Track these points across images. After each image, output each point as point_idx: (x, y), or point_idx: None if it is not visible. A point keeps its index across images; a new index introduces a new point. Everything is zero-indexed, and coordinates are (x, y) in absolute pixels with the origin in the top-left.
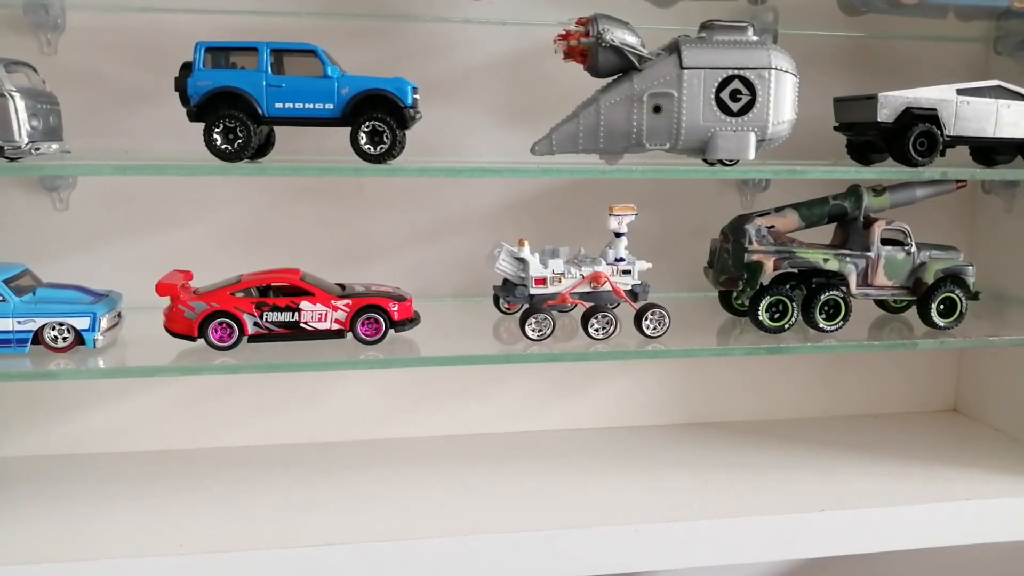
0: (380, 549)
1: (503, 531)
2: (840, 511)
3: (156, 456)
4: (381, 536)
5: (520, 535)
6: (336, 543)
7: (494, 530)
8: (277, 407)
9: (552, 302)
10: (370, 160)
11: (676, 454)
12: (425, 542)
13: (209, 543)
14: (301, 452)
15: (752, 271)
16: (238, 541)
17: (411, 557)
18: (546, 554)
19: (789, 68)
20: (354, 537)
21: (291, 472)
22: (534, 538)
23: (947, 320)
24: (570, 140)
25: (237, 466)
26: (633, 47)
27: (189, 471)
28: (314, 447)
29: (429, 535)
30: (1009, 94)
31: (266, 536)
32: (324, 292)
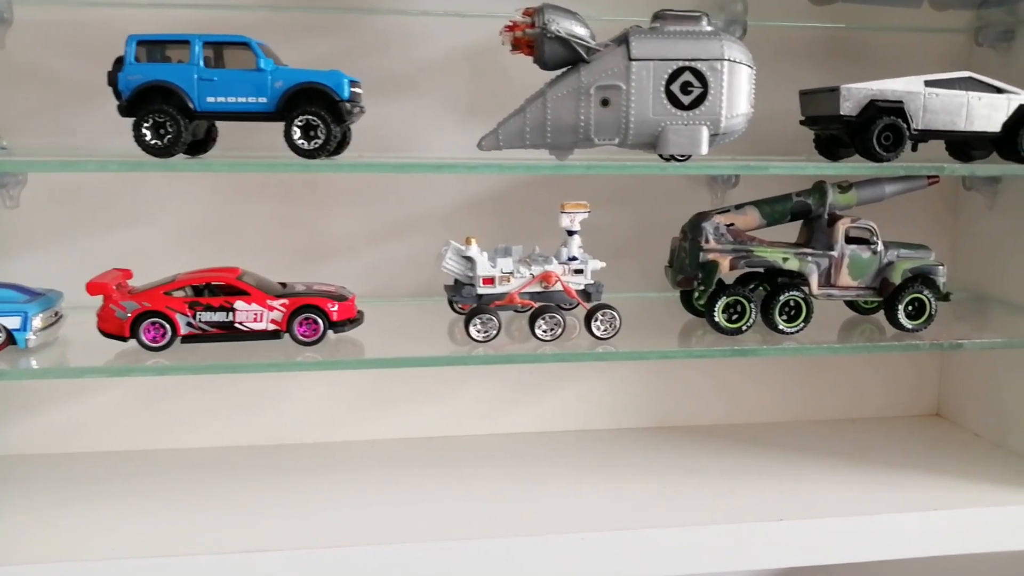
0: (329, 554)
1: (448, 539)
2: (799, 520)
3: (105, 457)
4: (331, 541)
5: (463, 543)
6: (285, 548)
7: (440, 538)
8: (232, 408)
9: (500, 302)
10: (304, 155)
11: (639, 459)
12: (372, 548)
13: (144, 547)
14: (256, 454)
15: (707, 271)
16: (173, 546)
17: (358, 563)
18: (487, 564)
19: (744, 59)
20: (304, 543)
21: (244, 475)
22: (475, 547)
23: (915, 322)
24: (517, 135)
25: (188, 468)
26: (580, 38)
27: (139, 473)
28: (269, 449)
29: (376, 541)
30: (981, 86)
31: (212, 540)
32: (260, 292)
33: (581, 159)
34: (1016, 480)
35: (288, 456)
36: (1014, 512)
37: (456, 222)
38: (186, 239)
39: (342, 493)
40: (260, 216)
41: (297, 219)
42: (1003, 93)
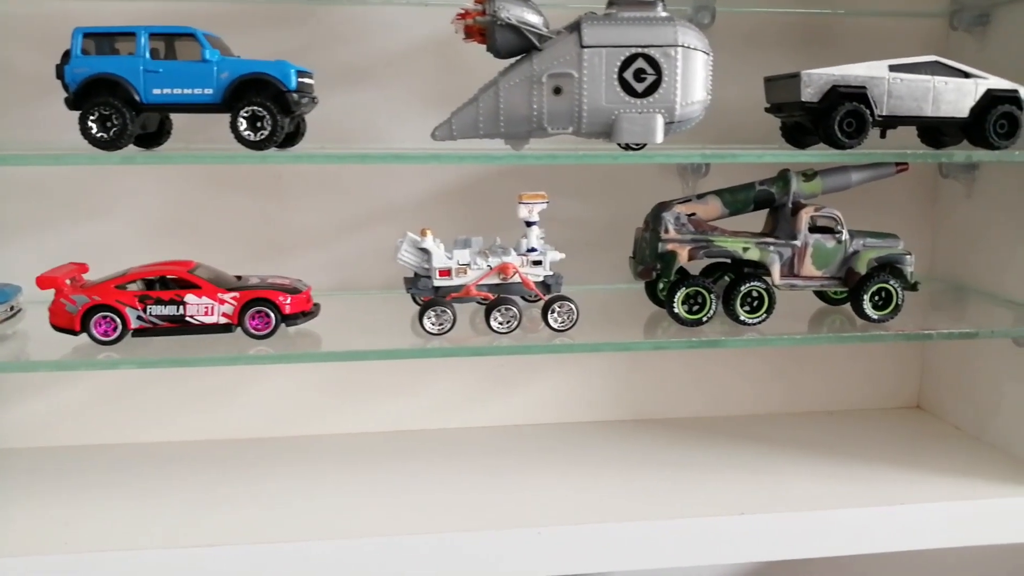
0: (297, 548)
1: (414, 533)
2: (765, 514)
3: (73, 451)
4: (299, 535)
5: (426, 538)
6: (253, 542)
7: (406, 532)
8: (200, 402)
9: (457, 294)
10: (250, 146)
11: (609, 452)
12: (339, 542)
13: (112, 540)
14: (224, 448)
15: (666, 261)
16: (141, 539)
17: (327, 557)
18: (445, 558)
19: (699, 46)
20: (272, 536)
21: (212, 469)
22: (435, 541)
23: (882, 312)
24: (470, 125)
25: (156, 463)
26: (532, 26)
27: (106, 467)
28: (238, 443)
29: (344, 535)
30: (948, 71)
31: (180, 534)
32: (211, 285)
33: (545, 148)
34: (992, 474)
35: (257, 450)
36: (988, 506)
37: (423, 213)
38: (152, 232)
39: (311, 487)
40: (226, 208)
41: (263, 211)
42: (971, 78)
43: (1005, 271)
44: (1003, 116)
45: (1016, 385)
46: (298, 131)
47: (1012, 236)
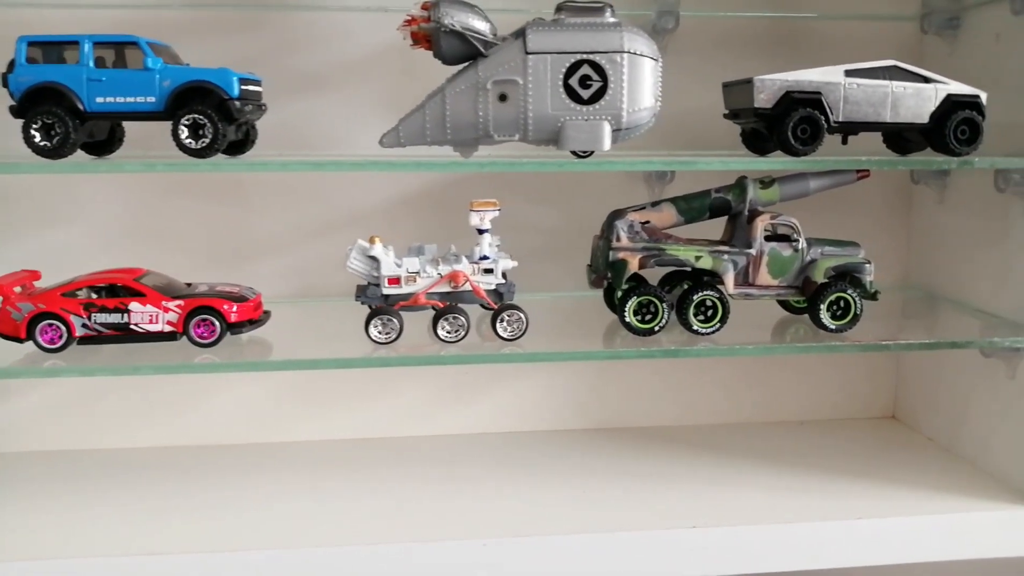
0: (256, 556)
1: (360, 543)
2: (714, 528)
3: (35, 457)
4: (258, 543)
5: (373, 548)
6: (212, 550)
7: (352, 542)
8: (163, 408)
9: (406, 303)
10: (192, 154)
11: (570, 462)
12: (298, 551)
13: (71, 547)
14: (187, 455)
15: (616, 270)
16: (102, 546)
17: (284, 565)
18: (403, 567)
19: (647, 52)
20: (231, 544)
21: (174, 475)
22: (385, 551)
23: (840, 322)
24: (417, 132)
25: (119, 469)
26: (477, 32)
27: (69, 473)
28: (200, 450)
29: (302, 544)
30: (907, 75)
31: (139, 542)
32: (156, 293)
33: (506, 155)
34: (958, 487)
35: (220, 457)
36: (952, 520)
37: (385, 220)
38: (113, 239)
39: (273, 495)
40: (187, 216)
41: (224, 219)
42: (931, 83)
43: (975, 279)
44: (964, 122)
45: (984, 396)
46: (247, 138)
47: (982, 243)
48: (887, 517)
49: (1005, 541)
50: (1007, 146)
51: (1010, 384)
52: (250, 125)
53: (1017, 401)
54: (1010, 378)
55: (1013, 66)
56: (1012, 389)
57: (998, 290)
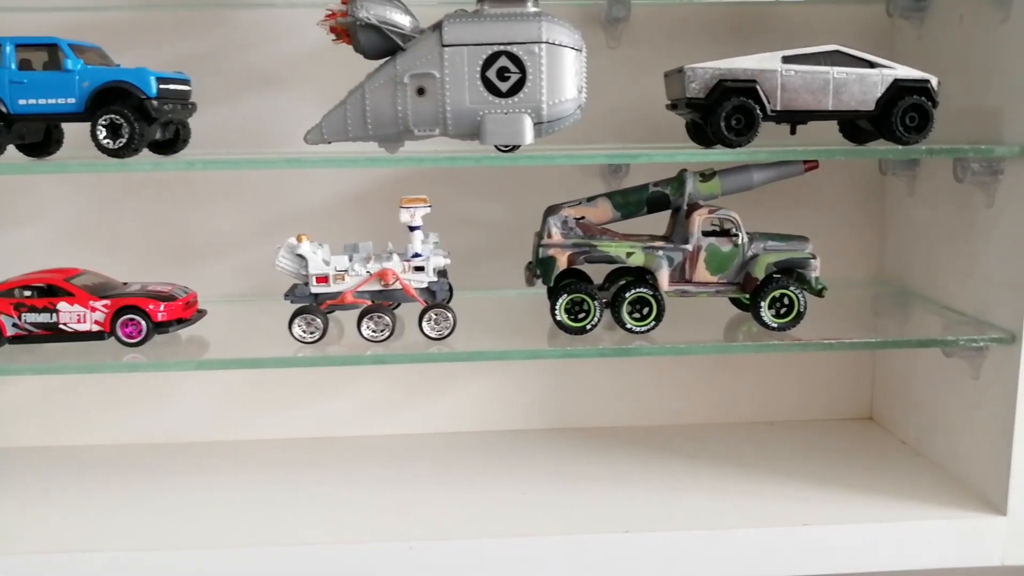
0: (214, 555)
1: (312, 543)
2: (647, 532)
3: None
4: (215, 542)
5: (323, 548)
6: (171, 548)
7: (304, 542)
8: (125, 406)
9: (333, 301)
10: (109, 154)
11: (520, 462)
12: (254, 549)
13: (36, 543)
14: (145, 452)
15: (545, 267)
16: (65, 542)
17: (242, 563)
18: (354, 567)
19: (567, 42)
20: (187, 543)
21: (133, 473)
22: (333, 552)
23: (783, 320)
24: (340, 128)
25: (79, 466)
26: (395, 25)
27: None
28: (159, 448)
29: (258, 542)
30: (850, 60)
31: (100, 539)
32: (84, 293)
33: (454, 149)
34: (923, 493)
35: (177, 455)
36: (910, 528)
37: (336, 217)
38: (65, 240)
39: (226, 494)
40: (139, 215)
41: (176, 217)
42: (876, 67)
43: (943, 274)
44: (912, 108)
45: (951, 398)
46: (178, 137)
47: (948, 236)
48: (835, 524)
49: (964, 550)
50: (970, 133)
51: (974, 385)
52: (180, 124)
53: (981, 403)
54: (974, 379)
55: (975, 49)
56: (976, 390)
57: (963, 286)
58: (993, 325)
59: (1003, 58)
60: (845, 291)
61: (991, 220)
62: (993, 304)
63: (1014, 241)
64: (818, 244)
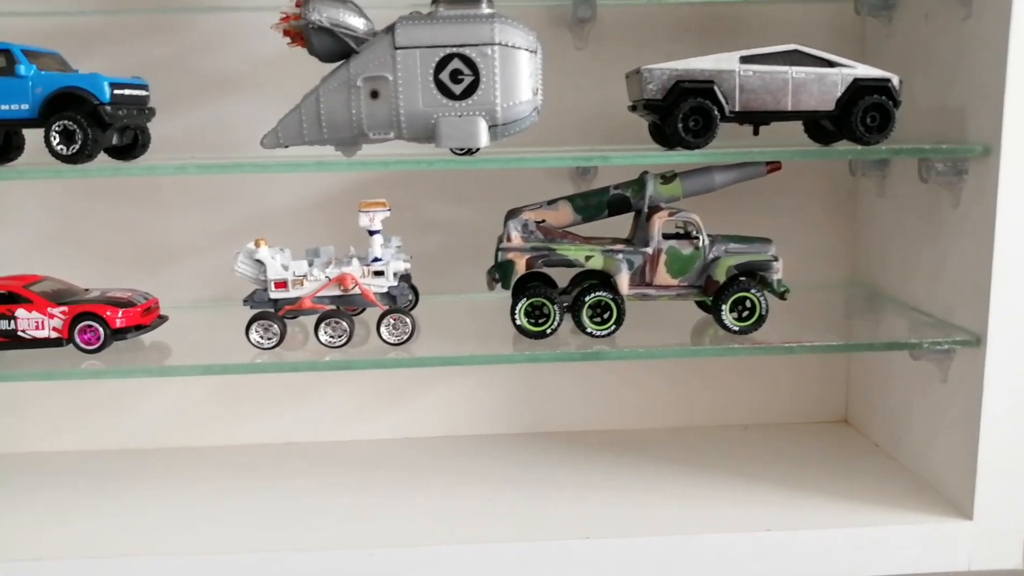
0: (181, 561)
1: (281, 549)
2: (611, 539)
3: None
4: (183, 548)
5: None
6: (140, 553)
7: (273, 548)
8: (90, 412)
9: (291, 307)
10: (63, 160)
11: (486, 468)
12: (219, 557)
13: None
14: (116, 458)
15: (504, 270)
16: (31, 549)
17: (209, 570)
18: None
19: (521, 43)
20: (156, 548)
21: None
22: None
23: (745, 323)
24: (295, 131)
25: (44, 472)
26: (348, 27)
27: None
28: (123, 453)
29: (226, 549)
30: (809, 60)
31: (67, 544)
32: (43, 300)
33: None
34: (894, 498)
35: (141, 460)
36: (876, 533)
37: (304, 222)
38: (33, 246)
39: (192, 499)
40: (108, 221)
41: (143, 223)
42: (836, 67)
43: (913, 275)
44: (873, 107)
45: (921, 401)
46: (136, 142)
47: (917, 238)
48: (799, 530)
49: (930, 555)
50: (937, 133)
51: (942, 388)
52: (139, 129)
53: (949, 406)
54: (942, 381)
55: (940, 47)
56: (944, 393)
57: (932, 288)
58: (959, 327)
59: (966, 56)
60: (818, 293)
61: (957, 221)
62: (959, 306)
63: (978, 242)
64: (792, 246)
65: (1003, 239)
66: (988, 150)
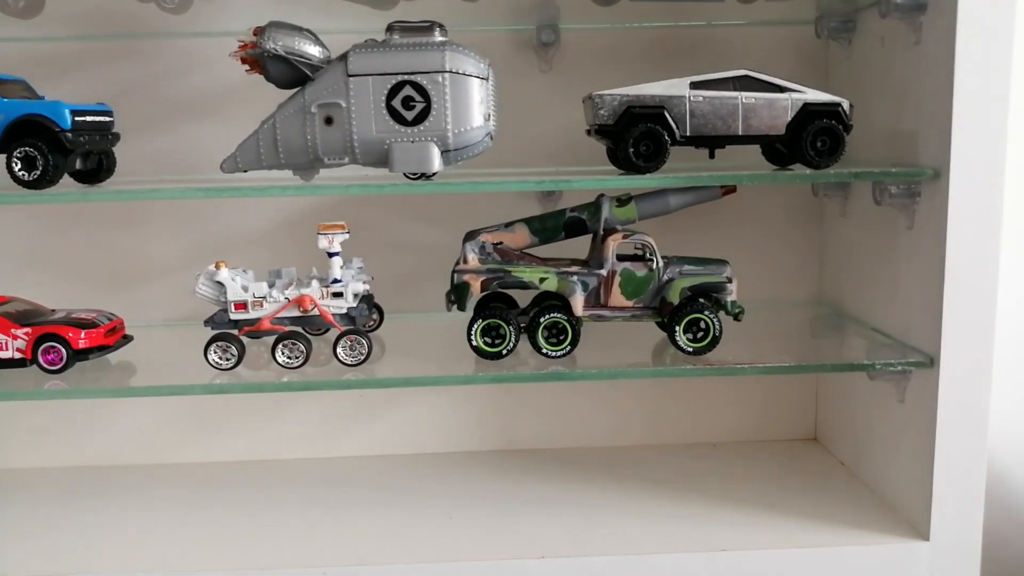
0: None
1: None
2: (565, 558)
3: None
4: (151, 566)
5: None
6: (107, 571)
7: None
8: (57, 430)
9: (251, 328)
10: (26, 186)
11: (450, 486)
12: None
13: None
14: (83, 475)
15: (459, 292)
16: None
17: None
18: None
19: (472, 71)
20: (120, 567)
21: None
22: None
23: (699, 344)
24: (253, 156)
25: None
26: (303, 55)
27: None
28: (96, 470)
29: (194, 568)
30: (759, 85)
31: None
32: (6, 321)
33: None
34: (854, 517)
35: (114, 478)
36: (838, 553)
37: (276, 244)
38: (6, 266)
39: (163, 517)
40: (80, 242)
41: (116, 245)
42: (785, 92)
43: (873, 296)
44: (823, 132)
45: (881, 421)
46: (101, 166)
47: (878, 258)
48: (754, 549)
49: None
50: (892, 155)
51: (899, 408)
52: (103, 154)
53: (906, 427)
54: (899, 402)
55: (894, 71)
56: (901, 413)
57: (889, 308)
58: (914, 348)
59: (917, 81)
60: (783, 312)
61: (911, 242)
62: (915, 327)
63: (931, 264)
64: (759, 266)
65: (954, 261)
66: (938, 173)
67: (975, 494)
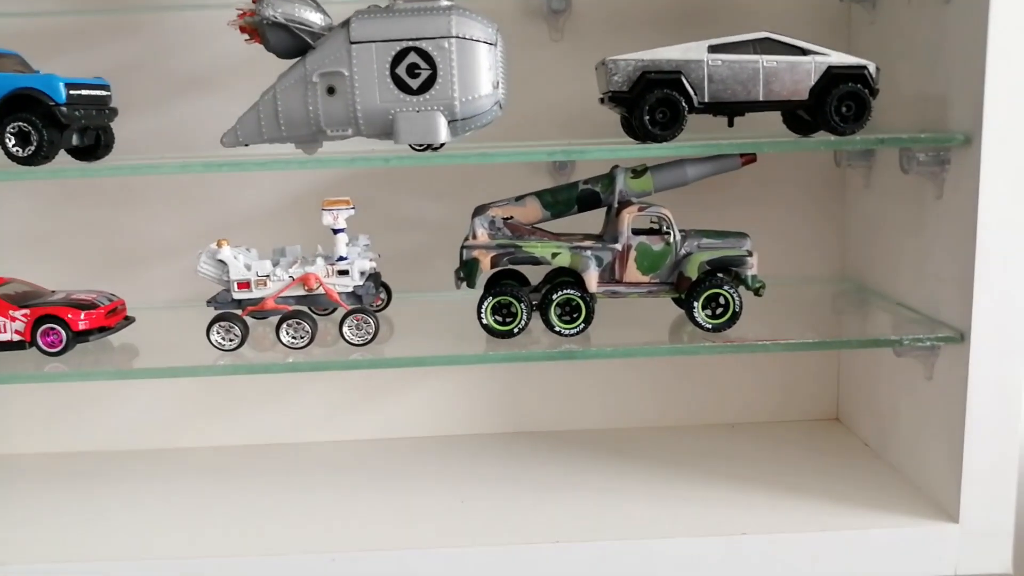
0: (158, 565)
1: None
2: (579, 543)
3: None
4: (162, 552)
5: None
6: (119, 558)
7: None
8: (60, 414)
9: (254, 307)
10: (19, 162)
11: (462, 468)
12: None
13: None
14: (91, 460)
15: (468, 268)
16: None
17: None
18: None
19: (480, 36)
20: (132, 552)
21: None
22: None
23: (718, 321)
24: (254, 130)
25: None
26: (303, 23)
27: None
28: (105, 455)
29: (204, 554)
30: (780, 48)
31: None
32: (4, 303)
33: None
34: (880, 500)
35: (118, 462)
36: (864, 537)
37: (280, 221)
38: (6, 247)
39: (168, 502)
40: (79, 222)
41: (116, 224)
42: (808, 55)
43: (899, 270)
44: (848, 96)
45: (907, 400)
46: (99, 142)
47: (904, 230)
48: (776, 533)
49: (915, 560)
50: (920, 121)
51: (927, 386)
52: (101, 129)
53: (935, 405)
54: (927, 379)
55: (922, 34)
56: (930, 392)
57: (916, 282)
58: (943, 323)
59: (947, 43)
60: (805, 288)
61: (940, 212)
62: (944, 301)
63: (961, 235)
64: (780, 240)
65: (986, 232)
66: (969, 139)
67: (1007, 474)
